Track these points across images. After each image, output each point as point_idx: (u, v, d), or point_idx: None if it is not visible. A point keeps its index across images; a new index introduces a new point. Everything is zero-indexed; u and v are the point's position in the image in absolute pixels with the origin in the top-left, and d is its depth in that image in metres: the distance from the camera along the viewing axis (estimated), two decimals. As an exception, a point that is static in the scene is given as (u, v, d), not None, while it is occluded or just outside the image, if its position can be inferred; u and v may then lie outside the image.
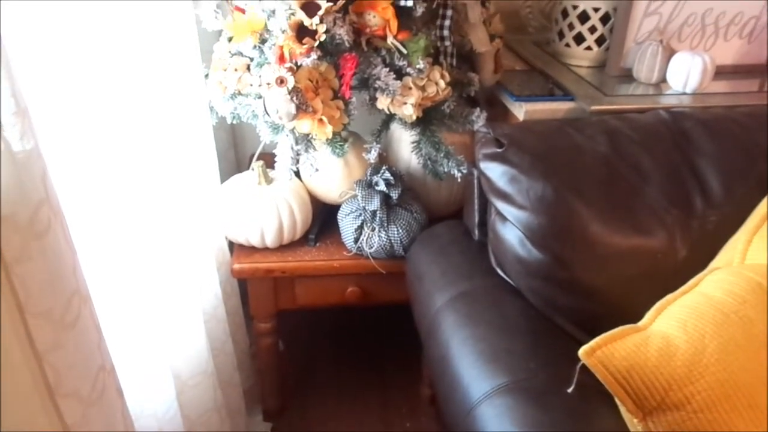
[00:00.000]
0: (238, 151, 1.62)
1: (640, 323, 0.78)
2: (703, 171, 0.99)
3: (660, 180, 0.98)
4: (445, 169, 1.18)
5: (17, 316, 0.50)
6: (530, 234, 0.95)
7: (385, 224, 1.19)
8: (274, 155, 1.20)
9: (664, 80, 1.21)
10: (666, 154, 1.00)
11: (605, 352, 0.72)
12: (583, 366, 0.72)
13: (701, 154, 1.01)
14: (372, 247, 1.20)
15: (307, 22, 0.96)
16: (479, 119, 1.18)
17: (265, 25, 1.03)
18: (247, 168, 1.29)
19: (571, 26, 1.31)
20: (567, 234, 0.94)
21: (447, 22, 1.11)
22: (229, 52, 1.13)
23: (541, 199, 0.94)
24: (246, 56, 1.11)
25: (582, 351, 0.72)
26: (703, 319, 0.75)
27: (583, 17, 1.29)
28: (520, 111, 1.16)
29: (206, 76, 1.18)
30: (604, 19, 1.28)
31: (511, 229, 0.97)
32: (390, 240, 1.19)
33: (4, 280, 0.47)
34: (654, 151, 1.00)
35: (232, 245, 1.28)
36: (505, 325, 0.93)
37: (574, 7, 1.30)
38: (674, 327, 0.75)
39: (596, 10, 1.27)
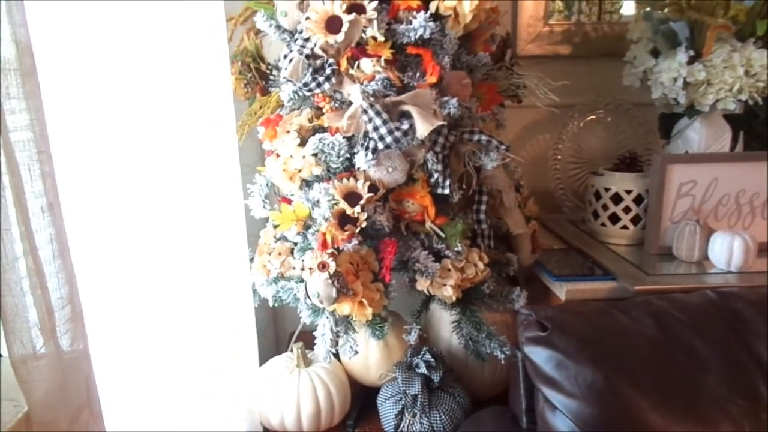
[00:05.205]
0: (278, 329, 1.62)
1: None
2: (763, 356, 0.94)
3: (718, 366, 0.92)
4: (488, 350, 1.14)
5: None
6: (583, 425, 0.89)
7: (427, 409, 1.14)
8: (313, 334, 1.19)
9: (706, 258, 1.20)
10: (720, 337, 0.96)
11: None
12: None
13: (758, 337, 0.96)
14: (413, 435, 1.13)
15: (349, 211, 1.01)
16: (520, 298, 1.17)
17: (309, 214, 1.09)
18: (286, 346, 1.28)
19: (605, 207, 1.34)
20: (623, 426, 0.88)
21: (483, 207, 1.15)
22: (274, 237, 1.18)
23: (591, 387, 0.90)
24: (290, 241, 1.16)
25: None
26: None
27: (616, 199, 1.32)
28: (561, 291, 1.15)
29: (251, 260, 1.22)
30: (637, 199, 1.30)
31: (562, 418, 0.92)
32: (432, 427, 1.13)
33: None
34: (707, 334, 0.96)
35: (266, 433, 1.22)
36: None
37: (606, 189, 1.33)
38: None
39: (628, 192, 1.30)
